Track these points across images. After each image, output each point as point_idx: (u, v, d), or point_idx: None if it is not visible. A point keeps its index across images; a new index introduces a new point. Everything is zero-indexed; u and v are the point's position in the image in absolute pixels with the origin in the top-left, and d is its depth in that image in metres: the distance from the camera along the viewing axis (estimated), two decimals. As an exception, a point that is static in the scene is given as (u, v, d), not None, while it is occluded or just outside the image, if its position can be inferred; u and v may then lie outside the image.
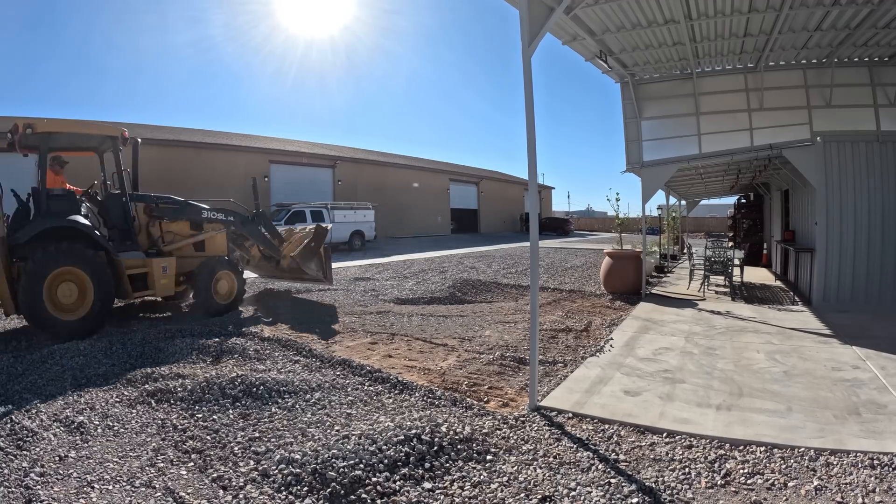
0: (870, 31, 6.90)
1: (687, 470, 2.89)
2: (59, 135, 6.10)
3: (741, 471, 2.87)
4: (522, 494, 2.66)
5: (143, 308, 7.65)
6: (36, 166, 5.90)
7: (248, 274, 8.79)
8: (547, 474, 2.86)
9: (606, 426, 3.52)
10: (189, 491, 2.66)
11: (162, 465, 2.94)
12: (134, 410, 3.70)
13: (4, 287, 5.39)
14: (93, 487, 2.67)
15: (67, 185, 6.47)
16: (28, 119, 5.86)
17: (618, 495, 2.63)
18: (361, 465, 2.82)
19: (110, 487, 2.68)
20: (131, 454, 3.06)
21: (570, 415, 3.71)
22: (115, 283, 6.11)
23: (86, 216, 6.17)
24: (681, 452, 3.11)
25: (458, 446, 3.12)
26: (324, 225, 8.84)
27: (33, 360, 4.73)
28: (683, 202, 18.50)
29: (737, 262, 10.05)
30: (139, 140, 7.06)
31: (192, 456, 3.05)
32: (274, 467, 2.82)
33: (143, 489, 2.67)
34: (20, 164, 7.94)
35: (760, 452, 3.07)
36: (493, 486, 2.74)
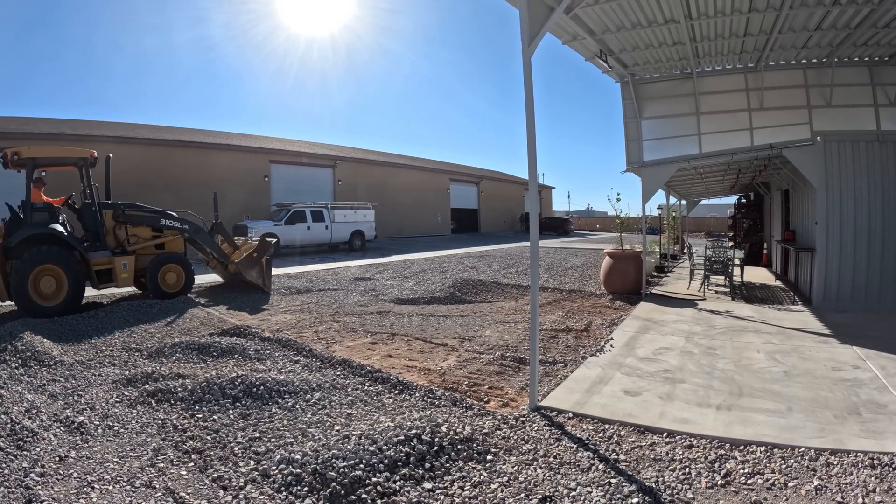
0: (870, 31, 6.89)
1: (687, 470, 2.89)
2: (41, 157, 7.73)
3: (741, 471, 2.87)
4: (522, 494, 2.66)
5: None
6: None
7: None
8: (547, 474, 2.86)
9: (606, 426, 3.52)
10: (189, 491, 2.67)
11: (162, 465, 2.94)
12: (134, 410, 3.71)
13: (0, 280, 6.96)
14: (93, 487, 2.67)
15: (44, 198, 7.73)
16: (15, 147, 7.61)
17: (618, 495, 2.63)
18: (362, 466, 2.83)
19: (110, 487, 2.68)
20: (131, 454, 3.06)
21: (571, 415, 3.71)
22: (84, 277, 7.55)
23: (63, 224, 7.68)
24: (681, 452, 3.11)
25: (459, 446, 3.12)
26: (269, 239, 9.84)
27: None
28: (683, 202, 18.50)
29: (737, 261, 10.04)
30: (110, 156, 8.54)
31: (193, 456, 3.06)
32: (274, 467, 2.82)
33: (143, 489, 2.67)
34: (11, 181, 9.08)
35: (761, 452, 3.07)
36: (493, 486, 2.74)
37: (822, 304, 7.70)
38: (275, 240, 10.88)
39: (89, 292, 8.08)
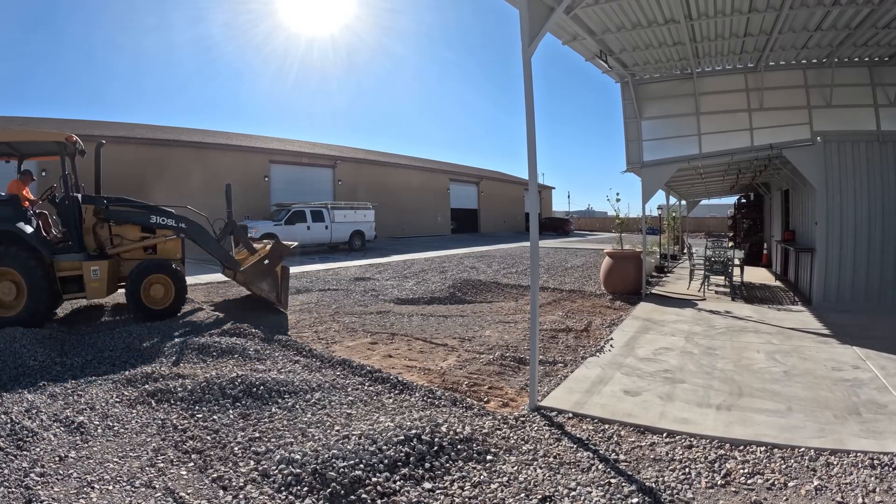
0: (870, 31, 6.90)
1: (687, 470, 2.89)
2: (9, 143, 6.81)
3: (741, 471, 2.87)
4: (522, 494, 2.66)
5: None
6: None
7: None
8: (547, 474, 2.86)
9: (606, 426, 3.52)
10: (189, 491, 2.67)
11: (162, 465, 2.94)
12: (134, 410, 3.70)
13: None
14: (93, 487, 2.67)
15: (27, 195, 6.87)
16: None
17: (618, 495, 2.63)
18: (361, 466, 2.83)
19: (110, 487, 2.68)
20: (131, 454, 3.06)
21: (570, 415, 3.71)
22: (48, 284, 6.23)
23: (29, 221, 6.43)
24: (681, 452, 3.11)
25: (459, 446, 3.12)
26: (286, 243, 8.12)
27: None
28: (683, 202, 18.50)
29: (737, 262, 10.04)
30: (103, 142, 7.35)
31: (192, 456, 3.05)
32: (274, 467, 2.82)
33: (143, 489, 2.67)
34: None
35: (760, 452, 3.07)
36: (493, 486, 2.74)
37: (822, 304, 7.70)
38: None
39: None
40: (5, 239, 6.13)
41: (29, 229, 6.32)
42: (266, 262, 7.50)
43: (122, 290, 6.98)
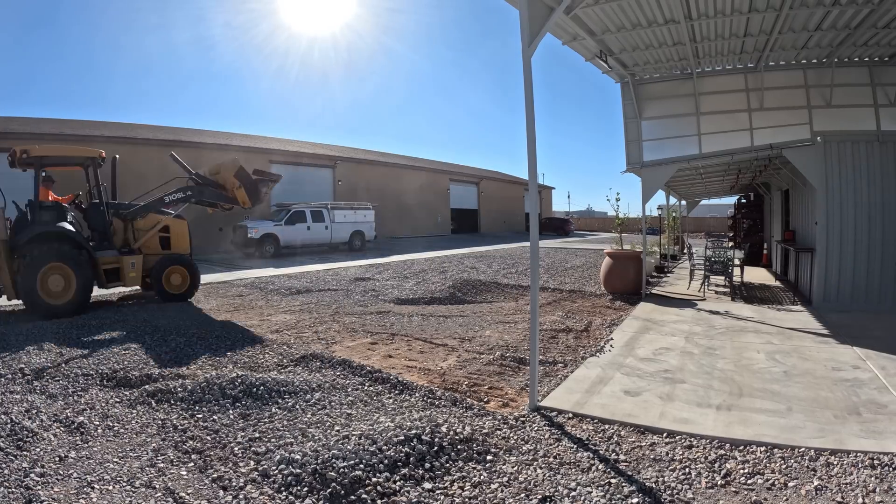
0: (870, 31, 6.89)
1: (687, 470, 2.89)
2: (49, 157, 7.75)
3: (741, 471, 2.87)
4: (522, 494, 2.66)
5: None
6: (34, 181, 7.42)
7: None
8: (547, 474, 2.86)
9: (606, 426, 3.52)
10: (189, 491, 2.67)
11: (162, 465, 2.94)
12: (134, 410, 3.71)
13: (7, 277, 7.04)
14: (93, 487, 2.67)
15: (52, 197, 7.95)
16: (23, 145, 7.64)
17: (618, 495, 2.63)
18: (361, 466, 2.82)
19: (110, 487, 2.68)
20: (131, 454, 3.06)
21: (571, 415, 3.71)
22: (93, 276, 7.56)
23: (71, 222, 7.66)
24: (681, 452, 3.11)
25: (459, 446, 3.12)
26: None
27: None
28: (683, 202, 18.50)
29: (737, 262, 10.04)
30: (116, 157, 8.77)
31: (192, 456, 3.05)
32: (274, 467, 2.82)
33: (143, 489, 2.67)
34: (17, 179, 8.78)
35: (760, 452, 3.07)
36: (493, 487, 2.74)
37: (822, 304, 7.70)
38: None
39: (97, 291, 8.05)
40: (56, 239, 7.24)
41: (74, 230, 7.55)
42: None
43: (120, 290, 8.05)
